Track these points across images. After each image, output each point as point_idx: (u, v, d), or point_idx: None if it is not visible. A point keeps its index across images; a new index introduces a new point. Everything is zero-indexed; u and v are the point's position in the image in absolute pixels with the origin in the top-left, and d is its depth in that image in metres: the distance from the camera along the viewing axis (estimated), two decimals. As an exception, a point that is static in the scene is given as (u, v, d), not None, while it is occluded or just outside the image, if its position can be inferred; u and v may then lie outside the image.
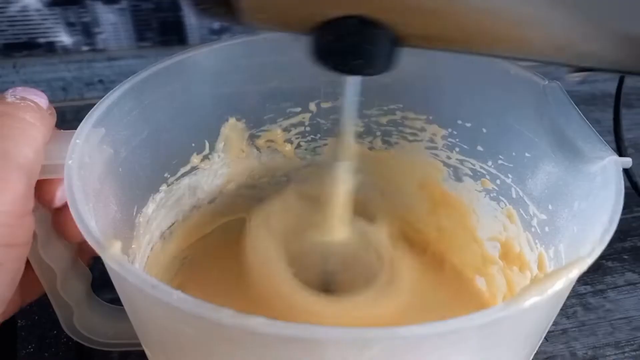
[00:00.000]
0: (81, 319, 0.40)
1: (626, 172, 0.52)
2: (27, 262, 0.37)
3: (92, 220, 0.29)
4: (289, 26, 0.30)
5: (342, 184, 0.39)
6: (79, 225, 0.28)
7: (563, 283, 0.26)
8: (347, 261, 0.42)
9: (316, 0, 0.28)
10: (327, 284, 0.43)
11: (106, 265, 0.28)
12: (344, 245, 0.41)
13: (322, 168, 0.48)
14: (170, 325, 0.28)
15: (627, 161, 0.32)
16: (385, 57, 0.29)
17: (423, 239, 0.49)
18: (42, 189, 0.33)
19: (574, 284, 0.29)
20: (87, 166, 0.32)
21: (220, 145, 0.45)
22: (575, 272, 0.26)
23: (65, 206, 0.35)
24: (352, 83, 0.35)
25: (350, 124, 0.37)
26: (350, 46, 0.29)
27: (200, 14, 0.30)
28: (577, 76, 0.30)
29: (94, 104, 0.35)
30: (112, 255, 0.27)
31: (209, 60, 0.41)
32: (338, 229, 0.41)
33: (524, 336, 0.31)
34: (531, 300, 0.25)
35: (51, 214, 0.36)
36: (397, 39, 0.29)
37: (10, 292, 0.33)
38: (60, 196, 0.35)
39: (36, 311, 0.46)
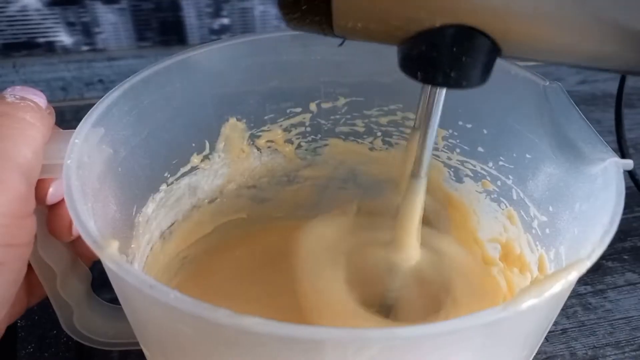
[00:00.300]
0: (81, 318, 0.40)
1: (630, 174, 0.52)
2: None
3: (90, 220, 0.29)
4: (383, 36, 0.29)
5: (418, 202, 0.37)
6: (77, 225, 0.28)
7: (562, 285, 0.26)
8: (412, 281, 0.41)
9: (417, 9, 0.26)
10: (389, 305, 0.41)
11: (104, 265, 0.28)
12: (412, 264, 0.40)
13: (385, 183, 0.48)
14: (168, 325, 0.28)
15: (629, 163, 0.32)
16: (481, 68, 0.28)
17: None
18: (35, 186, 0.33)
19: (573, 285, 0.29)
20: (86, 166, 0.32)
21: (220, 145, 0.45)
22: (574, 274, 0.26)
23: (57, 204, 0.35)
24: (439, 96, 0.33)
25: (432, 139, 0.35)
26: (446, 57, 0.27)
27: (291, 23, 0.29)
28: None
29: (94, 104, 0.35)
30: (109, 255, 0.27)
31: (209, 60, 0.41)
32: (410, 247, 0.39)
33: (523, 337, 0.31)
34: (529, 302, 0.24)
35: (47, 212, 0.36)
36: (496, 49, 0.28)
37: (13, 292, 0.33)
38: (53, 193, 0.34)
39: (36, 311, 0.46)
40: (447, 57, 0.27)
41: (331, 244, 0.42)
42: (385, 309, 0.41)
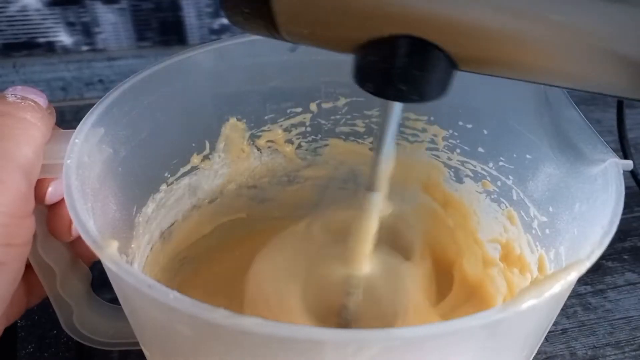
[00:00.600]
0: (81, 318, 0.40)
1: (632, 173, 0.52)
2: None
3: (90, 219, 0.29)
4: (332, 44, 0.27)
5: (373, 216, 0.36)
6: (76, 225, 0.28)
7: (561, 286, 0.26)
8: (368, 298, 0.40)
9: (363, 17, 0.25)
10: (346, 321, 0.40)
11: (104, 265, 0.28)
12: (367, 280, 0.39)
13: (349, 197, 0.48)
14: (167, 325, 0.28)
15: (628, 164, 0.32)
16: (436, 83, 0.26)
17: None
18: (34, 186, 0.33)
19: (573, 286, 0.29)
20: (86, 166, 0.32)
21: (220, 145, 0.45)
22: (573, 275, 0.26)
23: (57, 204, 0.35)
24: (395, 110, 0.31)
25: (388, 154, 0.33)
26: (396, 70, 0.25)
27: (238, 26, 0.27)
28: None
29: (94, 104, 0.35)
30: (109, 254, 0.27)
31: (209, 60, 0.41)
32: (363, 262, 0.38)
33: (523, 337, 0.31)
34: (529, 302, 0.24)
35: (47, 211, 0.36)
36: (452, 63, 0.26)
37: (10, 292, 0.33)
38: (52, 192, 0.35)
39: (36, 311, 0.46)
40: (397, 69, 0.25)
41: (288, 263, 0.42)
42: (343, 325, 0.40)
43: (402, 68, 0.25)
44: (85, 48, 0.72)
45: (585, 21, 0.23)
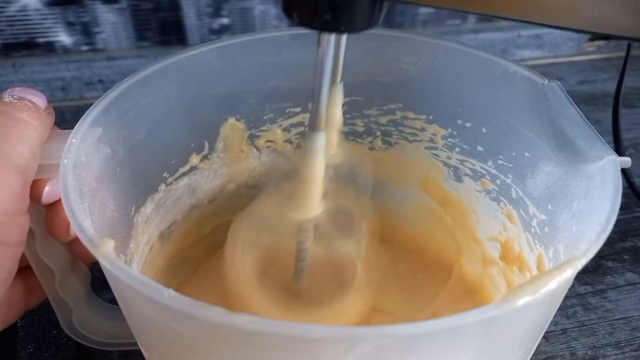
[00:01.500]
0: (80, 318, 0.40)
1: (624, 173, 0.52)
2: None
3: (87, 219, 0.29)
4: None
5: (318, 157, 0.36)
6: (72, 224, 0.28)
7: (557, 282, 0.25)
8: (319, 265, 0.40)
9: None
10: (299, 289, 0.41)
11: (100, 264, 0.28)
12: (319, 232, 0.39)
13: (384, 182, 0.48)
14: (163, 324, 0.28)
15: (626, 161, 0.32)
16: (363, 12, 0.26)
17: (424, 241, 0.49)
18: (30, 186, 0.33)
19: (570, 283, 0.29)
20: (83, 165, 0.32)
21: (219, 145, 0.45)
22: (569, 272, 0.26)
23: (55, 204, 0.35)
24: (330, 43, 0.30)
25: (326, 89, 0.33)
26: None
27: None
28: (592, 45, 0.27)
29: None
30: (104, 253, 0.27)
31: (208, 60, 0.41)
32: (314, 205, 0.38)
33: (520, 335, 0.31)
34: (524, 299, 0.24)
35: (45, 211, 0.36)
36: None
37: (3, 292, 0.33)
38: (49, 192, 0.35)
39: (36, 311, 0.46)
40: None
41: (254, 233, 0.42)
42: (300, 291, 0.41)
43: None
44: (85, 48, 0.72)
45: None
